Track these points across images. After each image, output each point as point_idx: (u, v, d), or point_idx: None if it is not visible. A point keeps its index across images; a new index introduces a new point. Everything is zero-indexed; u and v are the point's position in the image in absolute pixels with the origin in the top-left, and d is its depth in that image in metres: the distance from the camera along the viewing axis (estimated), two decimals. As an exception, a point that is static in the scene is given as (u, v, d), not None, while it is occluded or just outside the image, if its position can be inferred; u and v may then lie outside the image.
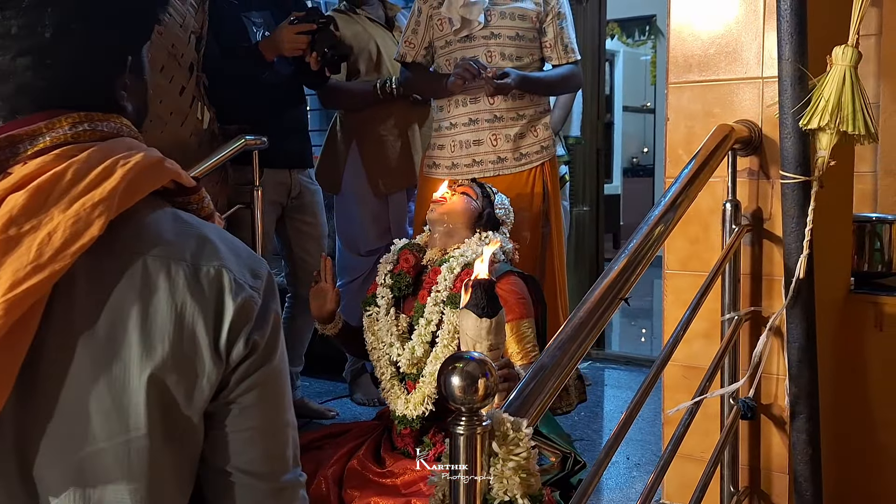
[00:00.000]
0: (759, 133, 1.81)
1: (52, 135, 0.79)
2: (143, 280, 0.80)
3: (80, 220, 0.75)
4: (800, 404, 1.70)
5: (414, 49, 2.85)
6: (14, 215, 0.74)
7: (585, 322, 1.22)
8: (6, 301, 0.71)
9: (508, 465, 0.93)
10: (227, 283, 0.83)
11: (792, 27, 1.59)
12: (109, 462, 0.79)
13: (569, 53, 2.82)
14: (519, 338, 2.18)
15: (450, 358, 0.90)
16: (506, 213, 2.46)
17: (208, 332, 0.81)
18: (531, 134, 2.79)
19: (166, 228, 0.84)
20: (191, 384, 0.81)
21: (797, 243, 1.65)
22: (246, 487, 0.87)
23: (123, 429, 0.78)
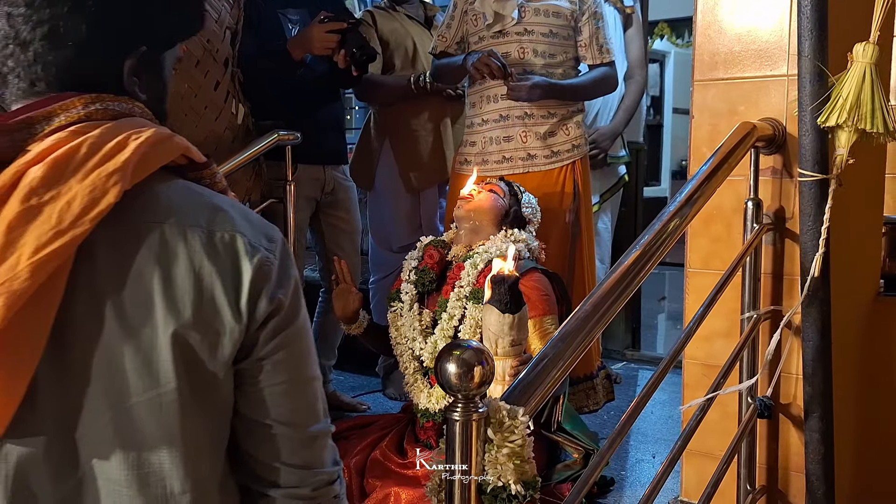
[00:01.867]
0: (783, 131, 1.80)
1: (66, 115, 0.83)
2: (161, 246, 0.84)
3: (97, 188, 0.79)
4: (813, 403, 1.69)
5: (446, 42, 2.87)
6: (34, 186, 0.78)
7: (591, 315, 1.23)
8: (31, 264, 0.75)
9: (503, 452, 0.95)
10: (242, 247, 0.87)
11: (812, 23, 1.58)
12: (144, 416, 0.83)
13: (604, 54, 2.80)
14: (542, 334, 2.20)
15: (447, 346, 0.93)
16: (532, 211, 2.47)
17: (227, 293, 0.86)
18: (562, 132, 2.78)
19: (179, 198, 0.88)
20: (213, 342, 0.85)
21: (813, 242, 1.64)
22: (281, 437, 0.92)
23: (154, 384, 0.82)
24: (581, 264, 2.82)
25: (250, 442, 0.93)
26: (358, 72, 2.74)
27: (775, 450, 1.86)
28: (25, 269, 0.75)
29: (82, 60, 0.87)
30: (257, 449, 0.93)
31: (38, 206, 0.78)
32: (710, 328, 1.87)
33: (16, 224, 0.77)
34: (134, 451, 0.83)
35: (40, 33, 0.84)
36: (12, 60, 0.85)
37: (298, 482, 0.94)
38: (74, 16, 0.85)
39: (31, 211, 0.77)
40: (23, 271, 0.75)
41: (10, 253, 0.76)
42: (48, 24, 0.84)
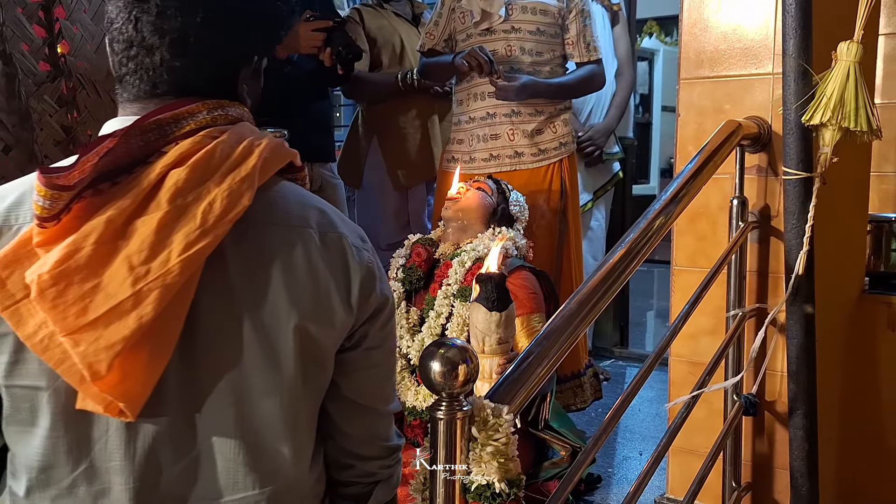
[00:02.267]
0: (768, 129, 1.80)
1: (193, 119, 0.88)
2: (283, 246, 0.92)
3: (234, 192, 0.86)
4: (798, 401, 1.70)
5: (434, 39, 2.87)
6: (180, 187, 0.84)
7: (576, 312, 1.22)
8: (181, 260, 0.82)
9: (487, 450, 0.95)
10: (348, 247, 0.97)
11: (797, 22, 1.58)
12: (262, 400, 0.91)
13: (591, 52, 2.80)
14: (529, 332, 2.20)
15: (432, 344, 0.93)
16: (520, 209, 2.47)
17: (339, 289, 0.95)
18: (550, 129, 2.78)
19: (291, 201, 0.96)
20: (327, 333, 0.94)
21: (797, 240, 1.64)
22: (373, 416, 1.04)
23: (276, 371, 0.91)
24: (569, 262, 2.82)
25: (346, 421, 1.02)
26: (344, 70, 2.73)
27: (760, 447, 1.87)
28: (177, 265, 0.82)
29: (205, 68, 0.93)
30: (352, 426, 1.03)
31: (184, 207, 0.84)
32: (695, 326, 1.88)
33: (166, 222, 0.83)
34: (250, 431, 0.91)
35: (168, 40, 0.89)
36: (134, 63, 0.91)
37: (383, 453, 1.06)
38: (204, 28, 0.91)
39: (178, 210, 0.84)
40: (175, 266, 0.82)
41: (162, 249, 0.82)
42: (177, 32, 0.90)
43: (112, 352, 0.80)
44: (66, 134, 2.11)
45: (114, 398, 0.81)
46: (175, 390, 0.87)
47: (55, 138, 2.08)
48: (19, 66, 1.98)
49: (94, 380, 0.80)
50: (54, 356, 0.81)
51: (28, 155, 2.00)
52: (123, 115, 0.93)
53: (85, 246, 0.81)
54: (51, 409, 0.86)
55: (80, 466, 0.88)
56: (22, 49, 2.01)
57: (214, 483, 0.91)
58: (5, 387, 0.86)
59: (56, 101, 2.08)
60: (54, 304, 0.79)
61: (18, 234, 0.85)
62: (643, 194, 6.39)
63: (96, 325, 0.80)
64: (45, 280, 0.79)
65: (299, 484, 0.98)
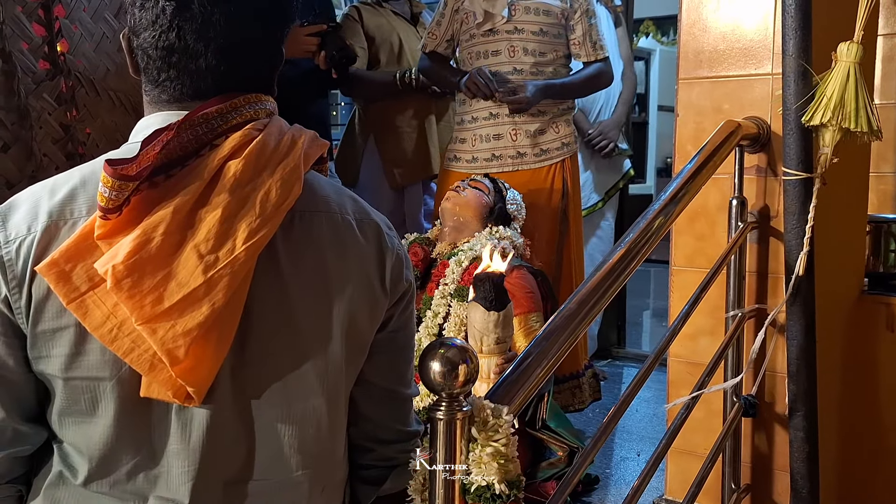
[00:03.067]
0: (767, 130, 1.80)
1: (238, 114, 0.91)
2: (329, 232, 0.96)
3: (286, 181, 0.89)
4: (798, 402, 1.69)
5: (436, 40, 2.87)
6: (239, 178, 0.87)
7: (575, 313, 1.22)
8: (247, 248, 0.85)
9: (487, 451, 0.94)
10: (383, 233, 1.02)
11: (796, 22, 1.58)
12: (313, 382, 0.95)
13: (598, 50, 2.80)
14: (526, 331, 2.19)
15: (431, 344, 0.93)
16: (517, 208, 2.47)
17: (377, 272, 1.00)
18: (552, 130, 2.78)
19: (327, 190, 1.00)
20: (370, 316, 1.00)
21: (798, 240, 1.64)
22: (395, 400, 1.08)
23: (326, 354, 0.95)
24: (569, 262, 2.82)
25: (371, 406, 1.06)
26: (338, 73, 2.75)
27: (760, 448, 1.87)
28: (243, 253, 0.85)
29: (248, 68, 0.95)
30: (376, 411, 1.07)
31: (244, 197, 0.87)
32: (694, 326, 1.88)
33: (229, 212, 0.86)
34: (297, 413, 0.95)
35: (214, 47, 0.91)
36: (176, 69, 0.92)
37: (402, 437, 1.09)
38: (247, 31, 0.93)
39: (239, 200, 0.86)
40: (241, 254, 0.85)
41: (227, 238, 0.85)
42: (223, 38, 0.91)
43: (189, 337, 0.83)
44: (64, 132, 2.10)
45: (185, 383, 0.84)
46: (227, 375, 0.90)
47: (54, 136, 2.08)
48: (18, 64, 1.97)
49: (173, 365, 0.83)
50: (123, 345, 0.84)
51: (27, 153, 1.99)
52: (162, 112, 0.94)
53: (155, 236, 0.83)
54: (114, 398, 0.88)
55: (141, 453, 0.90)
56: (21, 47, 2.00)
57: (262, 464, 0.95)
58: (64, 379, 0.88)
59: (55, 99, 2.07)
60: (131, 293, 0.81)
61: (76, 228, 0.86)
62: (640, 194, 6.39)
63: (171, 312, 0.83)
64: (119, 270, 0.81)
65: (335, 465, 1.03)
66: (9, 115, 1.96)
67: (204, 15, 0.90)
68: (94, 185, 0.89)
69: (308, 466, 0.97)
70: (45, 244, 0.86)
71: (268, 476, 0.95)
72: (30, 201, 0.90)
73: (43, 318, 0.87)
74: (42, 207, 0.88)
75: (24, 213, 0.88)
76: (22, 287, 0.86)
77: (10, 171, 1.95)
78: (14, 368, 0.89)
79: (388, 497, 1.12)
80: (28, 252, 0.86)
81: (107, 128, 2.20)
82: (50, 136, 2.07)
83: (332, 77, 2.78)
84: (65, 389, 0.88)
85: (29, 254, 0.86)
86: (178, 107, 0.94)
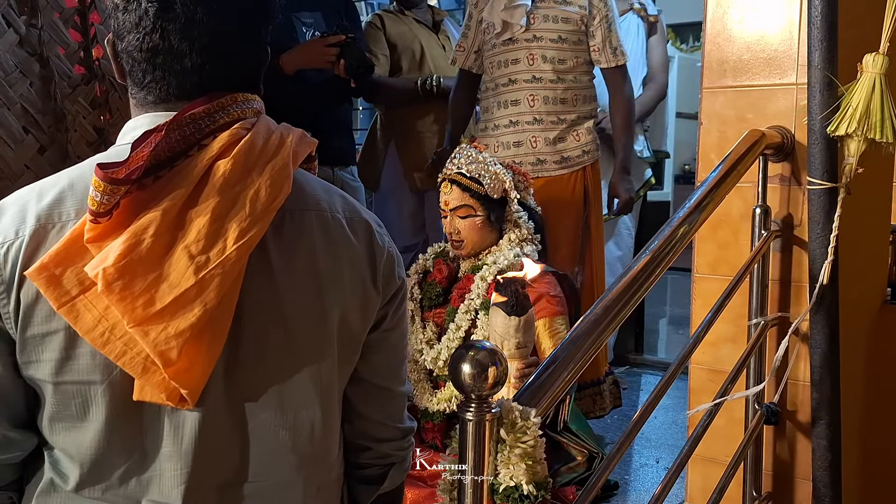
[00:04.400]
0: (791, 139, 1.81)
1: (225, 113, 0.90)
2: (319, 230, 0.96)
3: (275, 180, 0.89)
4: (821, 410, 1.70)
5: (464, 53, 2.91)
6: (228, 178, 0.86)
7: (601, 318, 1.24)
8: (238, 247, 0.85)
9: (515, 452, 0.96)
10: (373, 232, 1.02)
11: (822, 34, 1.59)
12: (306, 382, 0.95)
13: (618, 56, 2.81)
14: (551, 334, 2.20)
15: (461, 347, 0.94)
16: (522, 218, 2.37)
17: (369, 271, 1.00)
18: (572, 137, 2.79)
19: (316, 188, 1.00)
20: (363, 316, 1.00)
21: (822, 249, 1.65)
22: (388, 397, 1.09)
23: (317, 354, 0.96)
24: (590, 269, 2.83)
25: (363, 403, 1.07)
26: (356, 83, 2.80)
27: (781, 456, 1.87)
28: (234, 252, 0.85)
29: (233, 67, 0.95)
30: (370, 409, 1.08)
31: (233, 196, 0.86)
32: (717, 334, 1.88)
33: (219, 212, 0.85)
34: (291, 414, 0.95)
35: (198, 46, 0.91)
36: (161, 70, 0.91)
37: (397, 435, 1.11)
38: (231, 30, 0.93)
39: (229, 200, 0.86)
40: (232, 254, 0.84)
41: (218, 238, 0.85)
42: (207, 38, 0.91)
43: (182, 339, 0.82)
44: (98, 135, 2.15)
45: (178, 385, 0.84)
46: (220, 376, 0.90)
47: (88, 139, 2.13)
48: (55, 68, 2.03)
49: (166, 367, 0.82)
50: (115, 349, 0.83)
51: (62, 155, 2.04)
52: (149, 113, 0.94)
53: (145, 238, 0.82)
54: (105, 402, 0.87)
55: (133, 457, 0.90)
56: (58, 52, 2.05)
57: (257, 465, 0.94)
58: (54, 384, 0.87)
59: (89, 103, 2.12)
60: (122, 296, 0.81)
61: (64, 231, 0.86)
62: (658, 201, 6.38)
63: (163, 314, 0.82)
64: (110, 273, 0.80)
65: (330, 465, 1.03)
66: (45, 118, 2.01)
67: (187, 14, 0.89)
68: (82, 187, 0.89)
69: (303, 467, 0.97)
70: (33, 248, 0.85)
71: (262, 477, 0.95)
72: (17, 205, 0.88)
73: (32, 322, 0.86)
74: (30, 211, 0.87)
75: (11, 217, 0.87)
76: (10, 292, 0.85)
77: (45, 172, 1.99)
78: (2, 374, 0.88)
79: (384, 495, 1.14)
80: (16, 256, 0.85)
81: (139, 131, 2.25)
82: (84, 139, 2.12)
83: (351, 86, 2.84)
84: (55, 394, 0.87)
85: (17, 258, 0.85)
86: (165, 108, 0.93)
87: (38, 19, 1.97)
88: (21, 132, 1.98)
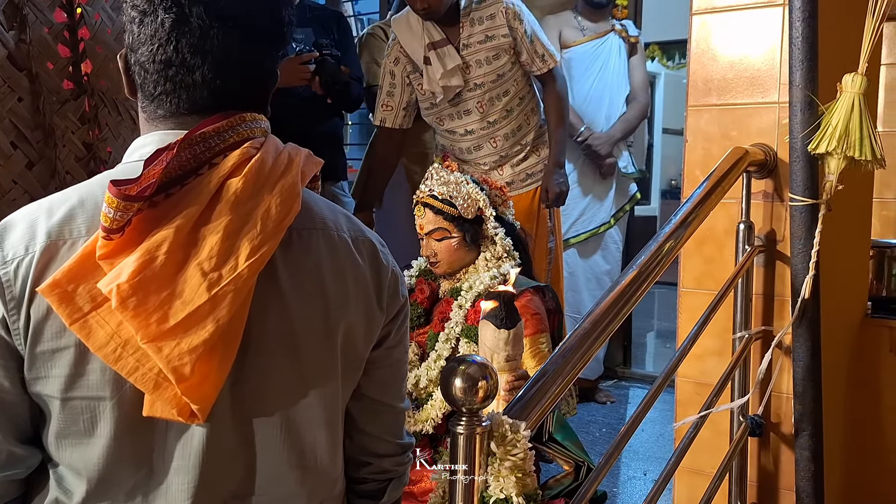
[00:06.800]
0: (774, 156, 1.84)
1: (235, 132, 0.91)
2: (326, 249, 0.98)
3: (285, 199, 0.90)
4: (804, 422, 1.73)
5: (392, 112, 2.93)
6: (239, 196, 0.87)
7: (590, 332, 1.26)
8: (249, 265, 0.86)
9: (505, 465, 0.97)
10: (378, 251, 1.04)
11: (803, 54, 1.63)
12: (312, 400, 0.96)
13: (546, 61, 2.85)
14: (534, 353, 2.21)
15: (452, 360, 0.96)
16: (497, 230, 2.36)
17: (374, 289, 1.02)
18: (534, 155, 2.90)
19: (322, 207, 1.01)
20: (367, 334, 1.01)
21: (804, 264, 1.68)
22: (390, 414, 1.11)
23: (322, 371, 0.97)
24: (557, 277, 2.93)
25: (364, 419, 1.08)
26: (333, 99, 2.82)
27: (766, 467, 1.89)
28: (246, 269, 0.85)
29: (243, 84, 0.96)
30: (372, 425, 1.09)
31: (245, 214, 0.87)
32: (702, 347, 1.91)
33: (231, 230, 0.86)
34: (296, 430, 0.96)
35: (210, 60, 0.92)
36: (172, 83, 0.92)
37: (397, 450, 1.12)
38: (243, 46, 0.94)
39: (241, 218, 0.87)
40: (244, 271, 0.85)
41: (230, 255, 0.85)
42: (219, 52, 0.92)
43: (195, 354, 0.83)
44: (87, 151, 2.15)
45: (190, 400, 0.84)
46: (227, 391, 0.90)
47: (77, 155, 2.13)
48: (44, 83, 2.03)
49: (179, 382, 0.83)
50: (127, 365, 0.84)
51: (50, 171, 2.04)
52: (159, 131, 0.94)
53: (158, 255, 0.83)
54: (114, 418, 0.87)
55: (140, 472, 0.90)
56: (47, 68, 2.06)
57: (262, 479, 0.95)
58: (62, 400, 0.87)
59: (78, 118, 2.12)
60: (136, 312, 0.81)
61: (75, 248, 0.86)
62: (644, 215, 6.44)
63: (176, 330, 0.82)
64: (124, 289, 0.81)
65: (334, 479, 1.04)
66: (34, 134, 2.01)
67: (202, 29, 0.90)
68: (92, 204, 0.89)
69: (307, 482, 0.98)
70: (44, 264, 0.86)
71: (267, 491, 0.95)
72: (26, 221, 0.89)
73: (42, 338, 0.86)
74: (40, 227, 0.87)
75: (21, 233, 0.87)
76: (20, 308, 0.85)
77: (34, 187, 2.00)
78: (10, 390, 0.88)
79: None
80: (27, 272, 0.85)
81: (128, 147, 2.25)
82: (73, 155, 2.12)
83: (328, 102, 2.86)
84: (63, 410, 0.87)
85: (28, 274, 0.85)
86: (175, 122, 0.94)
87: (26, 34, 1.97)
88: (9, 148, 1.98)
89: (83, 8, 2.13)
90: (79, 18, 2.13)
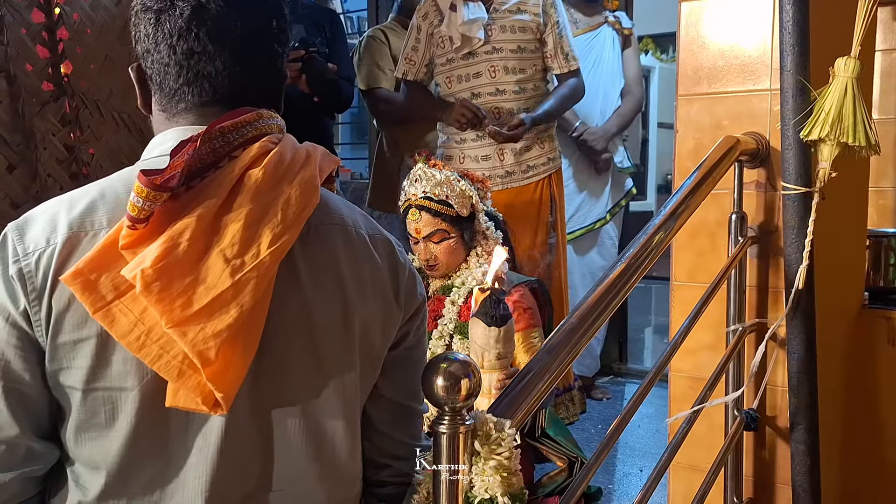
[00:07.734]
0: (766, 145, 1.81)
1: (252, 128, 0.92)
2: (344, 245, 0.99)
3: (304, 191, 0.91)
4: (799, 415, 1.70)
5: (415, 66, 2.90)
6: (260, 186, 0.89)
7: (577, 328, 1.23)
8: (271, 252, 0.87)
9: (490, 464, 0.95)
10: (394, 248, 1.05)
11: (794, 38, 1.60)
12: (330, 395, 0.97)
13: (570, 62, 2.84)
14: (526, 348, 2.19)
15: (434, 359, 0.93)
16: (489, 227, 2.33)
17: (392, 287, 1.03)
18: (537, 146, 2.84)
19: (339, 205, 1.03)
20: (385, 331, 1.02)
21: (797, 254, 1.65)
22: (409, 416, 1.11)
23: (340, 367, 0.97)
24: (558, 274, 2.88)
25: (383, 421, 1.08)
26: (320, 97, 2.80)
27: (761, 462, 1.86)
28: (268, 257, 0.87)
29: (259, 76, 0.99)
30: (390, 426, 1.09)
31: (266, 204, 0.89)
32: (695, 341, 1.88)
33: (253, 218, 0.87)
34: (315, 425, 0.96)
35: (229, 47, 0.95)
36: (193, 72, 0.95)
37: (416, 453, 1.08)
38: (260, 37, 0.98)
39: (262, 207, 0.88)
40: (266, 258, 0.86)
41: (252, 243, 0.87)
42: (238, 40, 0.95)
43: (219, 339, 0.83)
44: (68, 153, 2.12)
45: (214, 388, 0.84)
46: (246, 384, 0.90)
47: (58, 157, 2.10)
48: (23, 85, 2.00)
49: (205, 366, 0.83)
50: (151, 352, 0.84)
51: (31, 173, 2.01)
52: (179, 126, 0.97)
53: (181, 242, 0.84)
54: (135, 409, 0.88)
55: (158, 465, 0.91)
56: (25, 69, 2.03)
57: (281, 475, 0.95)
58: (84, 391, 0.88)
59: (59, 120, 2.10)
60: (160, 297, 0.82)
61: (97, 239, 0.87)
62: (640, 210, 6.41)
63: (200, 315, 0.83)
64: (149, 274, 0.82)
65: (352, 479, 1.04)
66: (14, 136, 1.98)
67: (220, 15, 0.93)
68: (113, 197, 0.91)
69: (326, 479, 0.98)
70: (66, 255, 0.87)
71: (286, 487, 0.96)
72: (46, 214, 0.90)
73: (63, 329, 0.87)
74: (61, 220, 0.89)
75: (41, 226, 0.89)
76: (42, 299, 0.87)
77: (15, 191, 1.97)
78: (31, 383, 0.89)
79: None
80: (48, 264, 0.87)
81: (110, 148, 2.22)
82: (54, 157, 2.09)
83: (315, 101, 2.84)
84: (84, 402, 0.88)
85: (49, 265, 0.87)
86: (196, 115, 0.96)
87: (4, 35, 1.94)
88: (-10, 151, 1.96)
89: (62, 8, 2.10)
90: (57, 19, 2.10)
